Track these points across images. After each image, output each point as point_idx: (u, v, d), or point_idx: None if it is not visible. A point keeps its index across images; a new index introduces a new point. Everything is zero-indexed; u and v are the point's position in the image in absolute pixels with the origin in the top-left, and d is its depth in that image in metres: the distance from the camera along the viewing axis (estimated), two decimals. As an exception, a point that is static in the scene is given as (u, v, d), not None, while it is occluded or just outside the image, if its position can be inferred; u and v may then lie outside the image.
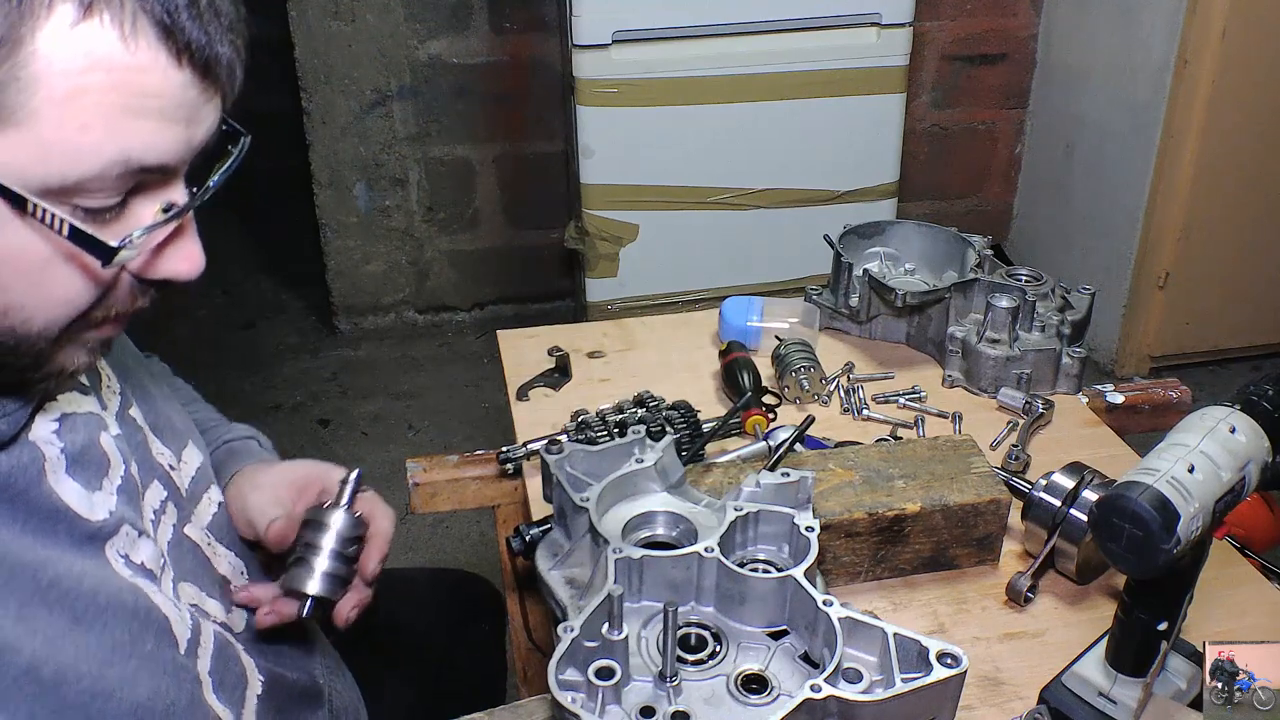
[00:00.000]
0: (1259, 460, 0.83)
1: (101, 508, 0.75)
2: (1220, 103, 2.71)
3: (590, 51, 2.57)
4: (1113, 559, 0.81)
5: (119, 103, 0.59)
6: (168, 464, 0.88)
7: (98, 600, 0.72)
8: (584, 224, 2.78)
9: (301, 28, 2.94)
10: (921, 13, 2.87)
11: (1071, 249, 3.24)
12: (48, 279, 0.63)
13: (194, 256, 0.71)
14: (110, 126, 0.59)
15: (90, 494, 0.75)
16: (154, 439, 0.88)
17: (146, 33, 0.59)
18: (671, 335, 1.56)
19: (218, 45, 0.62)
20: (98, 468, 0.76)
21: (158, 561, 0.81)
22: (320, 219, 3.22)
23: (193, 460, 0.93)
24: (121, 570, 0.75)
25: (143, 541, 0.79)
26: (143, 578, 0.77)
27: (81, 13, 0.57)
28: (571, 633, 0.78)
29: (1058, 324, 1.39)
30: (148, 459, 0.86)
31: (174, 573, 0.84)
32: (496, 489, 1.33)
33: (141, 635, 0.74)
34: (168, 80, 0.60)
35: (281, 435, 2.95)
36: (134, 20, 0.58)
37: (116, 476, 0.78)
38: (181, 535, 0.87)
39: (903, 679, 0.78)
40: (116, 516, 0.76)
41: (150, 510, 0.83)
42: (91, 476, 0.75)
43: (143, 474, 0.84)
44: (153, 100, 0.60)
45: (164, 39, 0.59)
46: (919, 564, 1.11)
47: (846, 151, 2.81)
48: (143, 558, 0.78)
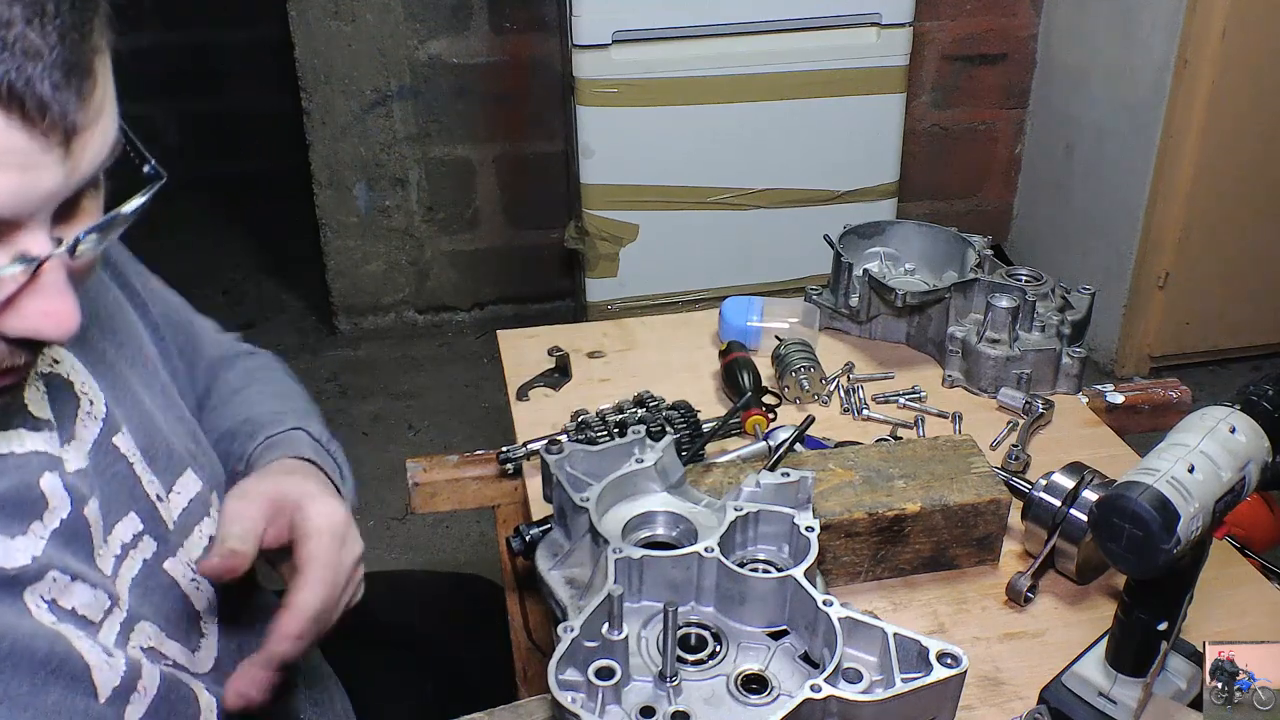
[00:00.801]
0: (1259, 460, 0.83)
1: (23, 553, 0.71)
2: (1220, 103, 2.71)
3: (590, 51, 2.57)
4: (1113, 559, 0.81)
5: None
6: (155, 494, 0.85)
7: (1, 645, 0.68)
8: (584, 224, 2.78)
9: (301, 28, 2.95)
10: (921, 13, 2.87)
11: (1071, 249, 3.24)
12: None
13: (58, 314, 0.62)
14: None
15: (8, 540, 0.71)
16: (144, 468, 0.84)
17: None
18: (671, 335, 1.56)
19: (38, 86, 0.55)
20: (25, 511, 0.73)
21: (98, 606, 0.77)
22: (320, 219, 3.22)
23: (188, 489, 0.89)
24: (43, 617, 0.72)
25: (77, 586, 0.75)
26: (70, 624, 0.74)
27: None
28: (571, 633, 0.78)
29: (1058, 324, 1.39)
30: (127, 490, 0.82)
31: (127, 614, 0.80)
32: (496, 489, 1.32)
33: (45, 686, 0.71)
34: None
35: (281, 435, 2.95)
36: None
37: (54, 519, 0.74)
38: (156, 570, 0.84)
39: (903, 679, 0.78)
40: (41, 562, 0.72)
41: (117, 545, 0.80)
42: (12, 521, 0.72)
43: (113, 508, 0.80)
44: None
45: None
46: (919, 564, 1.11)
47: (846, 151, 2.81)
48: (75, 603, 0.75)
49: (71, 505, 0.76)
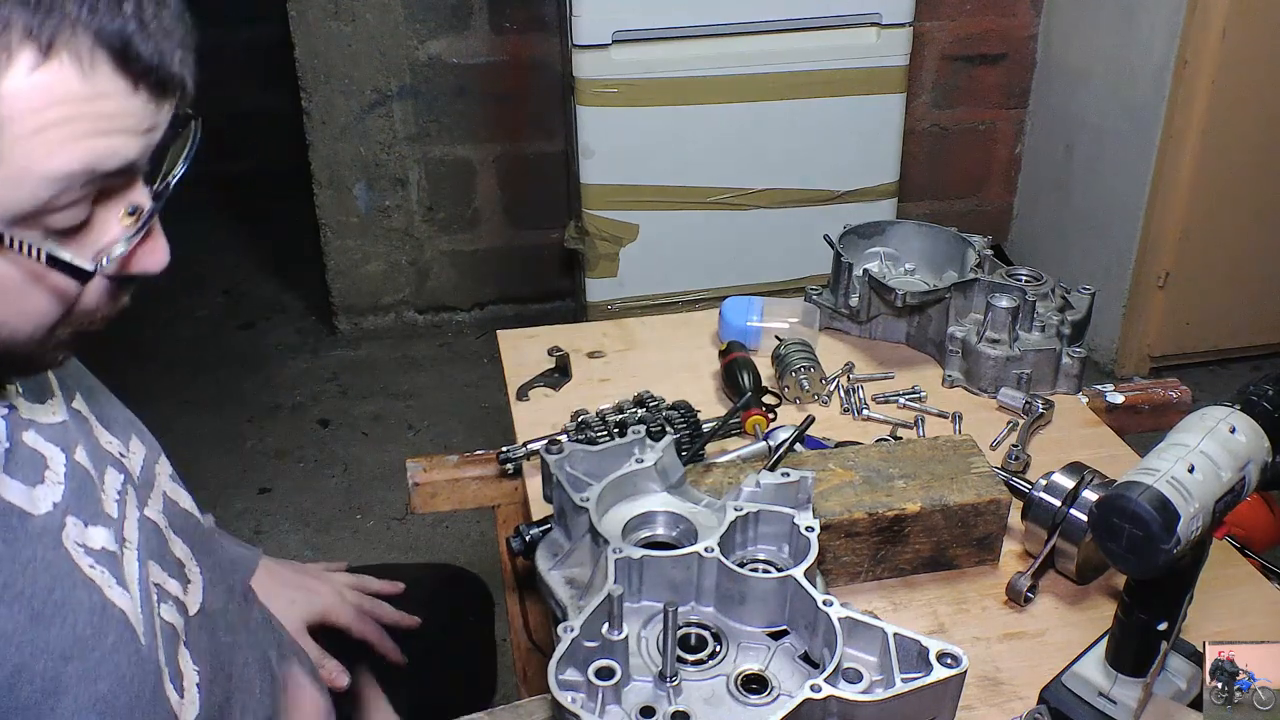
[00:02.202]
0: (1259, 460, 0.83)
1: (45, 500, 0.75)
2: (1220, 103, 2.71)
3: (590, 51, 2.57)
4: (1113, 559, 0.81)
5: (81, 128, 0.62)
6: (118, 451, 0.88)
7: (54, 596, 0.71)
8: (584, 224, 2.78)
9: (301, 28, 2.94)
10: (921, 13, 2.86)
11: (1071, 249, 3.24)
12: (25, 299, 0.67)
13: (159, 250, 0.73)
14: (75, 149, 0.63)
15: (31, 489, 0.74)
16: (101, 430, 0.88)
17: (104, 64, 0.62)
18: (671, 335, 1.56)
19: (170, 63, 0.65)
20: (34, 462, 0.76)
21: (116, 544, 0.80)
22: (320, 219, 3.22)
23: (138, 452, 0.93)
24: (80, 559, 0.75)
25: (92, 530, 0.78)
26: (102, 565, 0.77)
27: (41, 57, 0.60)
28: (571, 633, 0.78)
29: (1058, 324, 1.39)
30: (98, 448, 0.86)
31: (139, 553, 0.83)
32: (496, 489, 1.33)
33: (103, 628, 0.74)
34: (127, 103, 0.64)
35: (281, 435, 2.95)
36: (91, 55, 0.61)
37: (58, 467, 0.78)
38: (144, 517, 0.87)
39: (903, 679, 0.78)
40: (61, 508, 0.76)
41: (113, 492, 0.83)
42: (29, 472, 0.75)
43: (96, 459, 0.83)
44: (114, 121, 0.64)
45: (121, 68, 0.62)
46: (919, 564, 1.11)
47: (846, 151, 2.81)
48: (100, 543, 0.78)
49: (64, 453, 0.79)
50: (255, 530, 2.58)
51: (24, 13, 0.59)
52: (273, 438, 2.92)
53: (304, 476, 2.78)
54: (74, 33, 0.60)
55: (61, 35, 0.60)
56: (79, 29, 0.60)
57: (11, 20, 0.58)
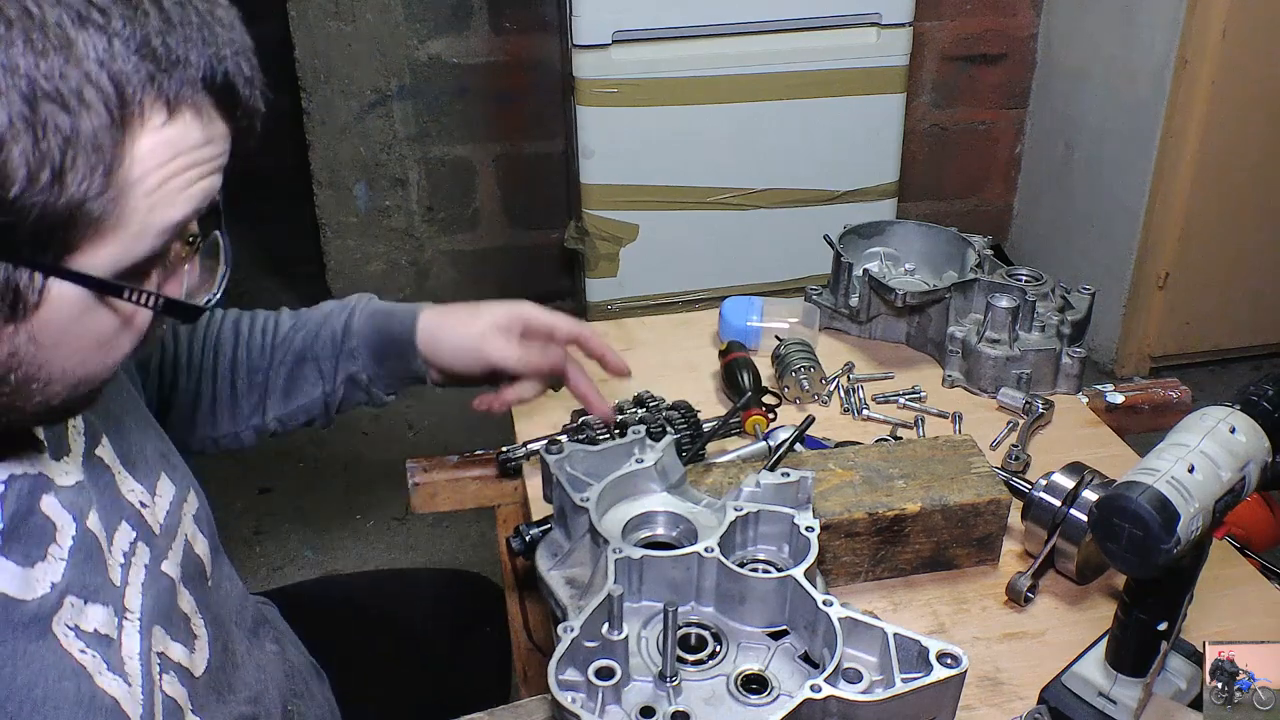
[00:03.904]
0: (1259, 460, 0.83)
1: (43, 582, 0.70)
2: (1220, 103, 2.71)
3: (590, 51, 2.57)
4: (1113, 559, 0.81)
5: (195, 174, 0.64)
6: (139, 501, 0.84)
7: (34, 693, 0.67)
8: (584, 224, 2.78)
9: (301, 28, 2.94)
10: (921, 13, 2.86)
11: (1071, 249, 3.24)
12: (116, 342, 0.68)
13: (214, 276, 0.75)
14: (189, 195, 0.64)
15: (28, 570, 0.70)
16: (125, 475, 0.84)
17: (213, 112, 0.64)
18: (671, 335, 1.56)
19: (258, 99, 0.68)
20: (39, 537, 0.72)
21: (115, 620, 0.76)
22: (320, 219, 3.22)
23: (166, 494, 0.88)
24: (71, 645, 0.71)
25: (90, 608, 0.74)
26: (94, 650, 0.73)
27: (168, 114, 0.61)
28: (571, 633, 0.78)
29: (1058, 324, 1.39)
30: (116, 500, 0.81)
31: (143, 620, 0.79)
32: (496, 489, 1.32)
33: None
34: (225, 141, 0.67)
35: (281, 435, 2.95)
36: (207, 107, 0.64)
37: (65, 539, 0.73)
38: (157, 573, 0.83)
39: (903, 679, 0.78)
40: (60, 588, 0.71)
41: (120, 554, 0.79)
42: (31, 549, 0.71)
43: (109, 518, 0.79)
44: (216, 161, 0.66)
45: (229, 113, 0.66)
46: (919, 564, 1.11)
47: (846, 151, 2.81)
48: (95, 624, 0.74)
49: (75, 522, 0.75)
50: (255, 530, 2.58)
51: (151, 73, 0.59)
52: (273, 438, 2.92)
53: (304, 476, 2.78)
54: (192, 87, 0.62)
55: (185, 90, 0.61)
56: (196, 82, 0.62)
57: (144, 81, 0.59)
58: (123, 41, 0.58)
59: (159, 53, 0.59)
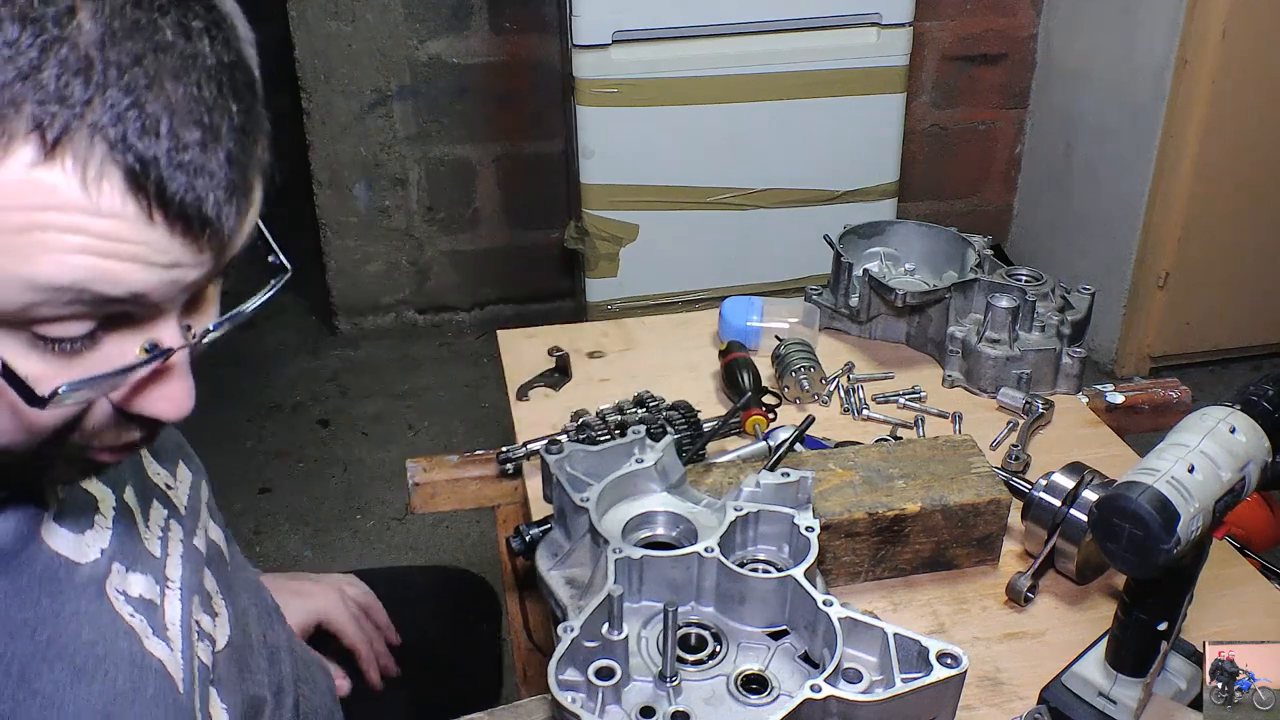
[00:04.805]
0: (1259, 460, 0.83)
1: (93, 548, 0.73)
2: (1220, 103, 2.71)
3: (590, 51, 2.57)
4: (1113, 559, 0.81)
5: (78, 242, 0.55)
6: (164, 484, 0.87)
7: (96, 650, 0.70)
8: (584, 224, 2.78)
9: (301, 28, 2.94)
10: (921, 13, 2.86)
11: (1071, 249, 3.24)
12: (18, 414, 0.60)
13: (175, 397, 0.64)
14: (64, 261, 0.55)
15: (79, 536, 0.73)
16: (149, 459, 0.87)
17: (114, 181, 0.54)
18: (671, 335, 1.56)
19: (204, 205, 0.57)
20: (84, 508, 0.75)
21: (158, 587, 0.79)
22: (320, 219, 3.22)
23: (185, 480, 0.91)
24: (121, 608, 0.74)
25: (133, 576, 0.77)
26: (140, 614, 0.76)
27: (42, 155, 0.53)
28: (571, 633, 0.78)
29: (1058, 324, 1.39)
30: (145, 481, 0.84)
31: (183, 590, 0.82)
32: (496, 489, 1.32)
33: (142, 681, 0.73)
34: (138, 231, 0.56)
35: (281, 435, 2.95)
36: (100, 168, 0.54)
37: (108, 509, 0.76)
38: (190, 547, 0.86)
39: (903, 679, 0.78)
40: (108, 554, 0.74)
41: (156, 529, 0.82)
42: (79, 517, 0.74)
43: (143, 495, 0.82)
44: (120, 245, 0.56)
45: (134, 191, 0.55)
46: (919, 564, 1.11)
47: (846, 151, 2.81)
48: (139, 590, 0.77)
49: (114, 494, 0.78)
50: (255, 530, 2.58)
51: (36, 99, 0.52)
52: (273, 438, 2.92)
53: (304, 476, 2.78)
54: (88, 139, 0.53)
55: (71, 136, 0.53)
56: (96, 136, 0.53)
57: (21, 105, 0.52)
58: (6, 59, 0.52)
59: (47, 84, 0.52)
